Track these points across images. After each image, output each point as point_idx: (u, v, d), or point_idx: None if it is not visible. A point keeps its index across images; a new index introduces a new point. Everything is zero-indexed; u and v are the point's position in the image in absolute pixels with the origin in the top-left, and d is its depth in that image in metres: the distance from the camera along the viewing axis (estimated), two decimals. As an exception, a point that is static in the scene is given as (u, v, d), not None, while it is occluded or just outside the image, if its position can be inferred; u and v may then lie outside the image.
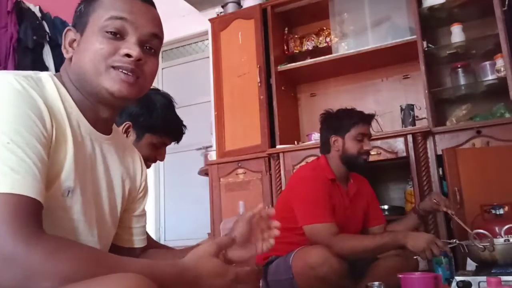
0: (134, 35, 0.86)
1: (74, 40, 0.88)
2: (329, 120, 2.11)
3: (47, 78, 0.84)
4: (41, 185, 0.72)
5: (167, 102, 1.42)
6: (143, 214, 1.09)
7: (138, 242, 1.07)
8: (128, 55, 0.84)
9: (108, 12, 0.85)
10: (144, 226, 1.10)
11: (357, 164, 2.03)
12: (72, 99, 0.87)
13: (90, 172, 0.90)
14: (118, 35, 0.85)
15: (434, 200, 1.94)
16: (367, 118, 2.07)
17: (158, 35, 0.91)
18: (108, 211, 0.95)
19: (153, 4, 0.93)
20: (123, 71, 0.85)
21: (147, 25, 0.88)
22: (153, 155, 1.41)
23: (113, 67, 0.84)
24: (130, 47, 0.85)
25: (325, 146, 2.09)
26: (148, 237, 1.15)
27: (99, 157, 0.93)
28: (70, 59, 0.88)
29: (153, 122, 1.37)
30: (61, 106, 0.83)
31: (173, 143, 1.45)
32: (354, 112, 2.09)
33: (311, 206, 1.89)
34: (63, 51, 0.89)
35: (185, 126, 1.45)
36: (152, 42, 0.90)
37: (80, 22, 0.88)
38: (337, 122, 2.05)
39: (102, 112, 0.91)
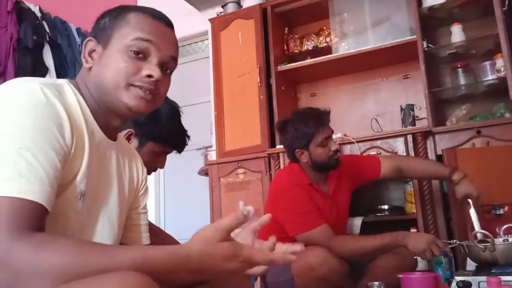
0: (156, 57, 0.91)
1: (94, 50, 0.91)
2: (287, 134, 1.99)
3: (66, 85, 0.87)
4: (48, 190, 0.72)
5: (173, 111, 1.43)
6: (146, 212, 1.12)
7: (146, 239, 1.09)
8: (149, 76, 0.89)
9: (135, 33, 0.89)
10: (147, 224, 1.12)
11: (330, 166, 1.98)
12: (88, 106, 0.90)
13: (104, 177, 0.93)
14: (141, 54, 0.89)
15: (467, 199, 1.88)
16: (324, 119, 1.97)
17: (175, 58, 0.96)
18: (117, 214, 0.97)
19: (173, 28, 0.97)
20: (142, 89, 0.89)
21: (169, 48, 0.93)
22: (153, 163, 1.42)
23: (133, 85, 0.88)
24: (152, 68, 0.89)
25: (292, 158, 2.02)
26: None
27: (111, 163, 0.96)
28: (89, 68, 0.91)
29: (157, 132, 1.39)
30: (80, 113, 0.86)
31: (174, 152, 1.47)
32: (310, 117, 1.96)
33: (298, 215, 1.86)
34: (82, 60, 0.92)
35: (188, 137, 1.47)
36: (170, 64, 0.95)
37: (102, 34, 0.91)
38: (296, 135, 1.95)
39: (114, 121, 0.94)
